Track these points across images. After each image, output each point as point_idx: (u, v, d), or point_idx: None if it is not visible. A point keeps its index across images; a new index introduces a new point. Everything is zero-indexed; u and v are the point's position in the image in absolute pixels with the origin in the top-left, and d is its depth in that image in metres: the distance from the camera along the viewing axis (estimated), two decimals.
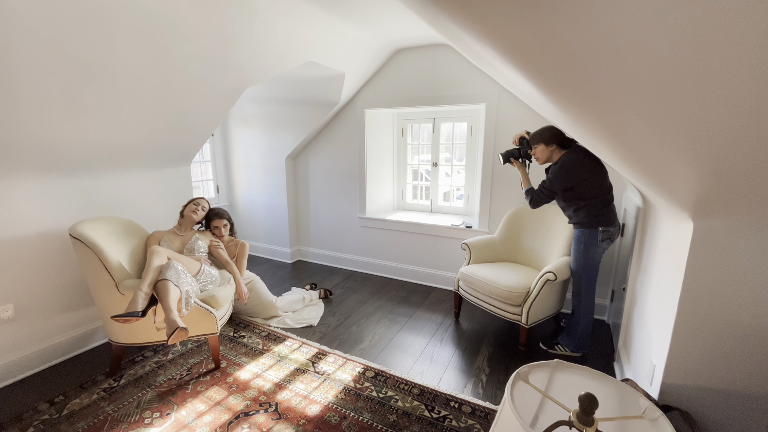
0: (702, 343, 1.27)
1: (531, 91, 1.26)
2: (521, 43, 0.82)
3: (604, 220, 2.03)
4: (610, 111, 0.93)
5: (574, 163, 1.99)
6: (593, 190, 2.00)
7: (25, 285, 2.05)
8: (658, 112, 0.80)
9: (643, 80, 0.72)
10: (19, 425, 1.71)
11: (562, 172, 2.01)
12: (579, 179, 1.99)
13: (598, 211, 2.02)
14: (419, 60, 3.14)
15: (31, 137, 1.82)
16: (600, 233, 2.03)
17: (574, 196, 2.04)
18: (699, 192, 1.07)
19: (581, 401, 0.52)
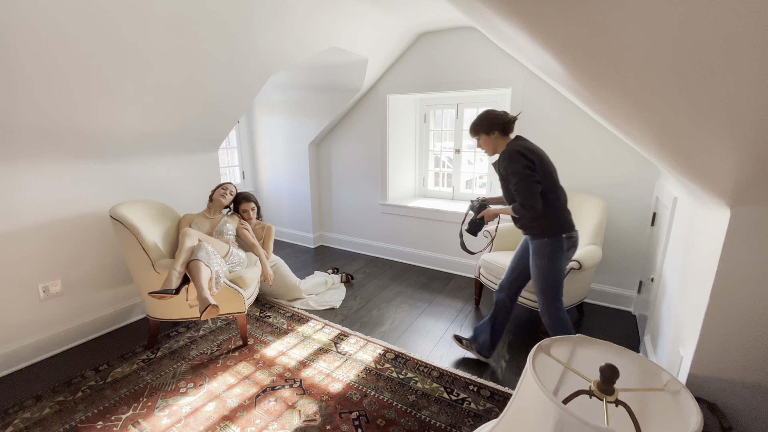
0: (734, 334, 1.23)
1: (561, 73, 1.22)
2: (554, 24, 0.80)
3: (566, 224, 1.73)
4: (645, 94, 0.90)
5: (520, 146, 1.69)
6: (551, 188, 1.69)
7: (71, 263, 2.21)
8: (696, 93, 0.77)
9: (682, 60, 0.69)
10: (69, 389, 1.87)
11: (511, 156, 1.67)
12: (533, 162, 1.66)
13: (559, 215, 1.71)
14: (443, 44, 3.08)
15: (73, 125, 1.93)
16: (564, 241, 1.71)
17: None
18: (738, 178, 1.02)
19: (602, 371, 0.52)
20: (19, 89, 1.62)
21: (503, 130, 1.77)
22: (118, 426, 1.64)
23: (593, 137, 2.64)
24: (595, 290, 2.81)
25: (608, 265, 2.73)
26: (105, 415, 1.70)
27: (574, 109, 2.65)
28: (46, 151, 1.99)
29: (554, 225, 1.71)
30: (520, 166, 1.65)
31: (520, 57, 2.01)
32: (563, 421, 0.45)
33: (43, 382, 1.92)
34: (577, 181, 2.76)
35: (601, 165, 2.66)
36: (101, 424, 1.65)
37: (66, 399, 1.80)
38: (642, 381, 0.57)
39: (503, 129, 1.77)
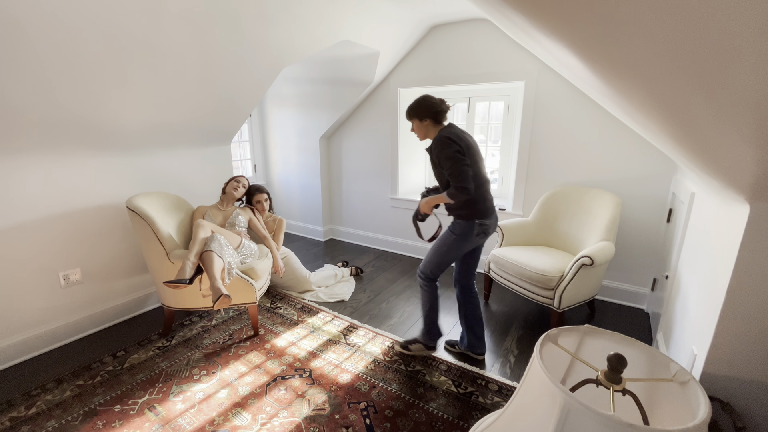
0: (750, 332, 1.20)
1: (577, 66, 1.20)
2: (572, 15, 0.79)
3: (482, 212, 1.82)
4: (663, 85, 0.88)
5: (450, 134, 1.75)
6: (474, 174, 1.76)
7: (90, 252, 2.28)
8: (715, 84, 0.75)
9: (701, 49, 0.68)
10: (89, 373, 1.94)
11: (441, 142, 1.74)
12: (466, 146, 1.74)
13: (476, 202, 1.80)
14: (455, 36, 3.05)
15: (91, 118, 1.98)
16: (476, 225, 1.81)
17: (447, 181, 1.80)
18: (758, 173, 0.99)
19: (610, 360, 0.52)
20: (40, 82, 1.66)
21: (435, 118, 1.82)
22: (135, 410, 1.70)
23: (608, 132, 2.59)
24: (608, 287, 2.77)
25: (621, 262, 2.69)
26: (122, 399, 1.76)
27: (589, 103, 2.60)
28: (67, 144, 2.04)
29: (470, 210, 1.81)
30: (451, 151, 1.72)
31: (534, 49, 1.98)
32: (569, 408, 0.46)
33: (63, 367, 2.00)
34: (591, 177, 2.71)
35: (615, 160, 2.61)
36: (119, 407, 1.71)
37: (85, 383, 1.87)
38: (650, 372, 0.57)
39: (435, 117, 1.82)
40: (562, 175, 2.83)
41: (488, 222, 1.84)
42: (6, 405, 1.72)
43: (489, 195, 1.87)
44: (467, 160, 1.72)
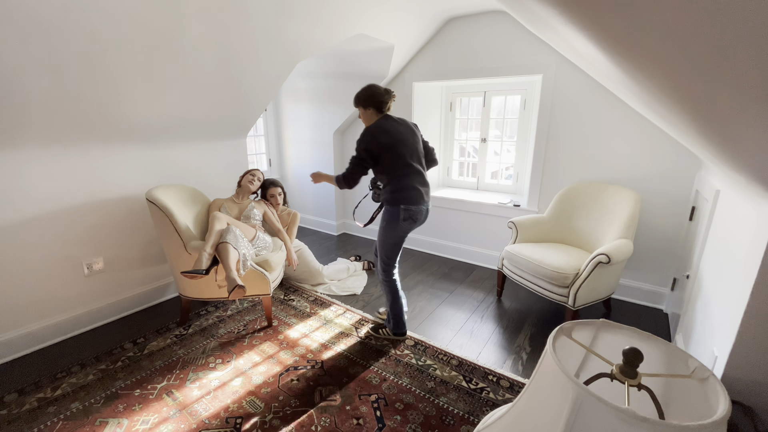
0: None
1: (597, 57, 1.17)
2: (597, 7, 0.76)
3: (406, 198, 1.90)
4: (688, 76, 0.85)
5: (377, 128, 1.88)
6: (394, 163, 1.88)
7: (112, 242, 2.36)
8: (745, 76, 0.72)
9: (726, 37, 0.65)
10: (111, 358, 2.01)
11: (364, 135, 1.90)
12: (383, 148, 1.86)
13: (403, 189, 1.90)
14: (472, 29, 3.00)
15: (114, 111, 2.03)
16: (402, 211, 1.91)
17: (381, 170, 1.93)
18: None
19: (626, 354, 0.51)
20: (63, 76, 1.72)
21: (378, 107, 1.93)
22: (154, 394, 1.75)
23: (629, 127, 2.52)
24: (625, 286, 2.71)
25: (640, 261, 2.62)
26: (142, 383, 1.82)
27: (609, 97, 2.52)
28: (89, 137, 2.11)
29: (396, 196, 1.92)
30: (362, 146, 1.89)
31: (553, 42, 1.93)
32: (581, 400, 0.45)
33: (87, 351, 2.08)
34: (609, 173, 2.64)
35: (636, 156, 2.53)
36: (138, 391, 1.77)
37: (107, 367, 1.94)
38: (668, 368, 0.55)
39: (378, 106, 1.92)
40: (580, 171, 2.77)
41: (414, 209, 1.92)
42: (34, 386, 1.80)
43: (417, 183, 1.93)
44: (367, 163, 1.92)
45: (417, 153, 1.95)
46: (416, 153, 1.95)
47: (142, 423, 1.59)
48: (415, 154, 1.94)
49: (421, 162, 1.98)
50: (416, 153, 1.95)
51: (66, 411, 1.65)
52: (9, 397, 1.73)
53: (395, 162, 1.89)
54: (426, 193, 1.97)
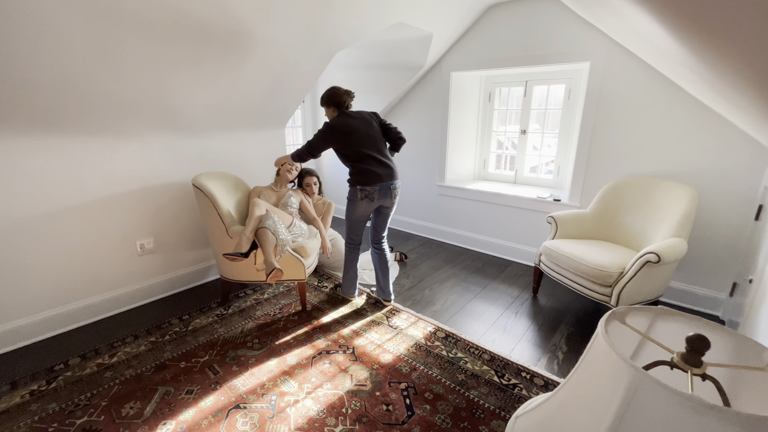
0: None
1: (661, 36, 1.08)
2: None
3: (362, 179, 2.16)
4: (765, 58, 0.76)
5: (331, 126, 2.16)
6: (351, 151, 2.16)
7: (161, 224, 2.52)
8: None
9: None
10: (160, 332, 2.17)
11: (320, 131, 2.18)
12: (333, 140, 2.17)
13: (361, 173, 2.17)
14: (515, 15, 2.88)
15: (164, 102, 2.16)
16: (358, 191, 2.19)
17: (344, 158, 2.22)
18: None
19: (690, 341, 0.47)
20: (122, 69, 1.84)
21: (337, 106, 2.22)
22: (197, 367, 1.87)
23: (687, 116, 2.32)
24: (676, 289, 2.52)
25: (694, 262, 2.43)
26: (187, 356, 1.95)
27: (666, 84, 2.34)
28: (142, 126, 2.26)
29: (353, 178, 2.22)
30: (319, 135, 2.18)
31: (605, 25, 1.81)
32: (637, 384, 0.42)
33: (139, 324, 2.25)
34: (662, 167, 2.46)
35: (694, 149, 2.34)
36: (184, 363, 1.90)
37: (157, 340, 2.09)
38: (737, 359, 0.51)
39: (338, 105, 2.22)
40: (628, 165, 2.60)
41: (369, 188, 2.17)
42: (94, 352, 1.98)
43: (371, 167, 2.17)
44: (316, 151, 2.23)
45: (371, 140, 2.19)
46: (370, 140, 2.18)
47: (187, 392, 1.70)
48: (369, 140, 2.18)
49: (378, 146, 2.20)
50: (370, 140, 2.18)
51: (121, 376, 1.80)
52: (73, 361, 1.91)
53: (350, 150, 2.17)
54: (386, 174, 2.19)
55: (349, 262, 2.45)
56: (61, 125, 1.95)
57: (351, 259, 2.44)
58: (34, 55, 1.56)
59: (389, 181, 2.21)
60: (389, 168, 2.22)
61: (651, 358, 0.52)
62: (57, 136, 1.99)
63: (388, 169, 2.21)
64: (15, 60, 1.54)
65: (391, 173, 2.22)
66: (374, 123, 2.24)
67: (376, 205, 2.26)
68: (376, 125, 2.25)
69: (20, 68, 1.58)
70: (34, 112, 1.80)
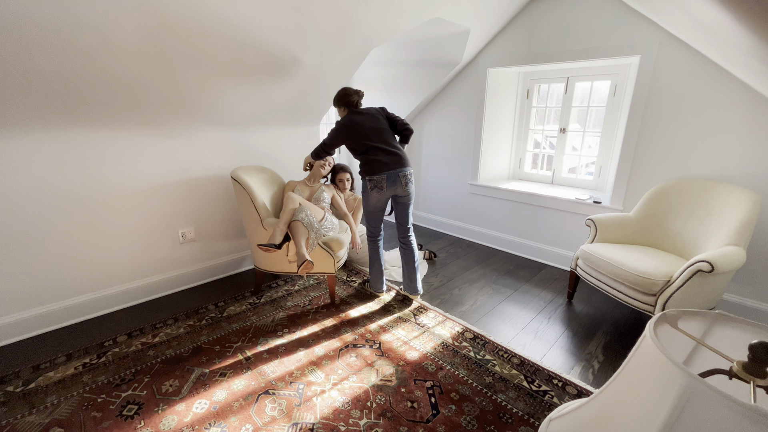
0: None
1: (723, 23, 0.99)
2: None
3: (369, 169, 2.23)
4: None
5: (339, 124, 2.28)
6: (357, 144, 2.25)
7: (201, 214, 2.65)
8: None
9: None
10: (197, 316, 2.28)
11: (332, 130, 2.33)
12: (342, 137, 2.29)
13: (368, 165, 2.24)
14: (558, 8, 2.76)
15: (207, 99, 2.26)
16: (368, 182, 2.26)
17: (354, 153, 2.30)
18: None
19: (753, 348, 0.42)
20: (170, 68, 1.95)
21: (347, 105, 2.35)
22: (230, 352, 1.95)
23: (749, 114, 2.12)
24: (730, 302, 2.33)
25: (754, 274, 2.23)
26: (221, 341, 2.04)
27: (726, 78, 2.15)
28: (188, 121, 2.38)
29: (363, 169, 2.29)
30: (331, 132, 2.34)
31: (660, 16, 1.69)
32: (691, 392, 0.38)
33: (179, 308, 2.38)
34: (719, 169, 2.27)
35: (756, 149, 2.13)
36: (218, 348, 1.99)
37: (194, 324, 2.20)
38: None
39: (347, 104, 2.35)
40: (680, 166, 2.42)
41: (377, 177, 2.23)
42: (138, 332, 2.12)
43: (377, 156, 2.23)
44: (330, 148, 2.39)
45: (377, 132, 2.27)
46: (375, 132, 2.26)
47: (220, 375, 1.78)
48: (375, 133, 2.26)
49: (384, 137, 2.27)
50: (375, 132, 2.26)
51: (162, 355, 1.92)
52: (120, 338, 2.06)
53: (357, 143, 2.26)
54: (393, 162, 2.23)
55: (372, 255, 2.51)
56: (115, 120, 2.10)
57: (373, 252, 2.50)
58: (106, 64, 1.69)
59: (397, 169, 2.24)
60: (396, 156, 2.26)
61: (706, 366, 0.47)
62: (109, 131, 2.14)
63: (395, 157, 2.25)
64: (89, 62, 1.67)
65: (399, 161, 2.25)
66: (381, 117, 2.34)
67: (388, 194, 2.29)
68: (383, 119, 2.34)
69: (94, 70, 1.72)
70: (89, 106, 1.95)
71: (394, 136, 2.35)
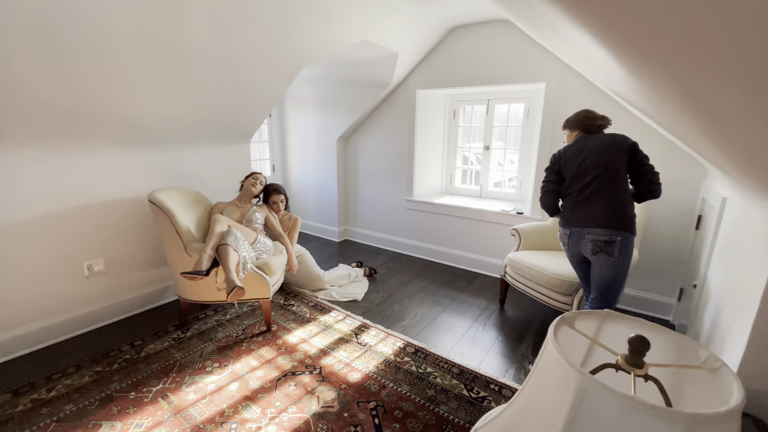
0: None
1: (604, 59, 1.16)
2: (610, 9, 0.76)
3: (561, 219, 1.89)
4: (698, 80, 0.83)
5: (562, 151, 1.88)
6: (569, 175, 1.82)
7: (113, 243, 2.35)
8: (754, 79, 0.70)
9: (739, 46, 0.64)
10: (107, 361, 1.99)
11: (553, 157, 1.93)
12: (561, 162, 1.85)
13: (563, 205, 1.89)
14: (476, 38, 3.02)
15: (114, 112, 2.05)
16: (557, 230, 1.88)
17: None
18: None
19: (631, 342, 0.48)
20: (66, 76, 1.74)
21: (584, 130, 1.88)
22: (149, 397, 1.73)
23: (633, 135, 2.50)
24: (630, 296, 2.66)
25: (646, 270, 2.58)
26: (137, 386, 1.80)
27: (613, 105, 2.52)
28: (93, 138, 2.13)
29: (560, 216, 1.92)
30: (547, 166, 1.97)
31: (556, 48, 1.94)
32: (585, 388, 0.42)
33: (84, 353, 2.06)
34: None
35: None
36: (134, 394, 1.74)
37: (103, 369, 1.92)
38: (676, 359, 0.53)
39: (585, 129, 1.87)
40: None
41: (560, 230, 1.88)
42: (29, 387, 1.78)
43: (570, 204, 1.82)
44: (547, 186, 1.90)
45: (601, 170, 1.70)
46: (599, 170, 1.70)
47: (136, 426, 1.56)
48: (597, 171, 1.71)
49: (607, 180, 1.69)
50: (599, 170, 1.70)
51: (59, 413, 1.63)
52: (3, 398, 1.71)
53: (569, 175, 1.83)
54: (590, 217, 1.70)
55: None
56: (8, 138, 1.80)
57: None
58: None
59: (584, 228, 1.72)
60: (594, 210, 1.70)
61: (602, 360, 0.53)
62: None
63: (591, 211, 1.71)
64: None
65: (594, 218, 1.69)
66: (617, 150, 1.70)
67: (576, 252, 1.83)
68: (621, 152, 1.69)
69: None
70: None
71: (618, 182, 1.69)
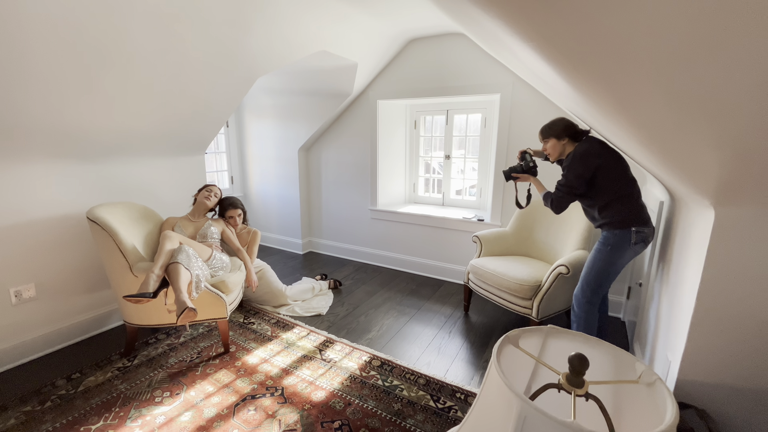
0: (720, 337, 1.20)
1: (547, 73, 1.21)
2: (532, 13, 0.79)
3: (640, 218, 1.74)
4: (626, 86, 0.89)
5: (586, 150, 1.75)
6: (615, 182, 1.73)
7: (46, 266, 2.13)
8: (675, 84, 0.76)
9: (659, 48, 0.68)
10: (38, 399, 1.78)
11: (575, 161, 1.77)
12: (594, 166, 1.73)
13: (628, 207, 1.74)
14: (433, 50, 3.10)
15: (48, 123, 1.88)
16: (633, 234, 1.72)
17: (597, 192, 1.77)
18: (720, 177, 1.01)
19: (571, 361, 0.49)
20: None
21: (573, 137, 1.89)
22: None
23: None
24: None
25: None
26: (74, 426, 1.61)
27: (559, 113, 2.66)
28: (22, 150, 1.93)
29: (624, 218, 1.75)
30: (571, 172, 1.79)
31: (508, 62, 2.02)
32: (525, 415, 0.42)
33: (10, 392, 1.83)
34: None
35: None
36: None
37: (33, 409, 1.71)
38: (616, 374, 0.54)
39: (573, 135, 1.89)
40: None
41: (647, 230, 1.75)
42: None
43: (641, 200, 1.81)
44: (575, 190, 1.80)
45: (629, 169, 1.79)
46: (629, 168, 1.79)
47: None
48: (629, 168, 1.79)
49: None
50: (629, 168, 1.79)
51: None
52: None
53: (615, 179, 1.75)
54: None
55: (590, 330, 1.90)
56: None
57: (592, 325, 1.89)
58: None
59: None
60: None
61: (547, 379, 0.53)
62: None
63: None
64: None
65: None
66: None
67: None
68: None
69: None
70: None
71: None
